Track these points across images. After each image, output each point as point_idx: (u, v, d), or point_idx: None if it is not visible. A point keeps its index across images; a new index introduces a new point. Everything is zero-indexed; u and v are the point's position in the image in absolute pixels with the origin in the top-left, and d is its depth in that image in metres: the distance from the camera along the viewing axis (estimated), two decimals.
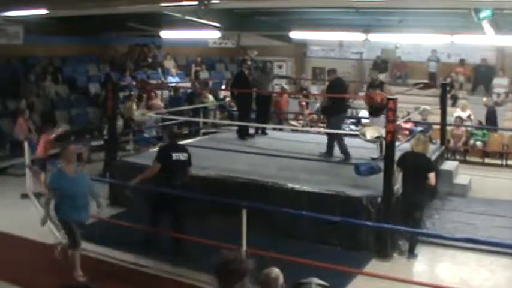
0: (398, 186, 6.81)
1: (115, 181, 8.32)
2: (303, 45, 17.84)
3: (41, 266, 6.23)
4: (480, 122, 12.66)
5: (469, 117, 12.50)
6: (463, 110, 12.60)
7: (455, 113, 12.51)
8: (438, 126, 10.70)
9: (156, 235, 6.72)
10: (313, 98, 15.44)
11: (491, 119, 12.91)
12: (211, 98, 14.93)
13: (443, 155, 10.13)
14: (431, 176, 6.61)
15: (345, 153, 8.65)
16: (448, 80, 14.06)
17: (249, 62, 11.27)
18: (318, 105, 13.60)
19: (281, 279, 3.40)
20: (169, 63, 16.49)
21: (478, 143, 12.15)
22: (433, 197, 8.87)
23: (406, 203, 6.69)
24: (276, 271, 3.43)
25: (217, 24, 13.58)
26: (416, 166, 6.63)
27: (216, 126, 13.31)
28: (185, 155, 6.73)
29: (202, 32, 14.51)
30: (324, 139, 9.26)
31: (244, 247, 5.68)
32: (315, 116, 14.25)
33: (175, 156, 6.61)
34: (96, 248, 6.70)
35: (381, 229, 6.54)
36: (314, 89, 17.07)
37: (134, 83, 13.31)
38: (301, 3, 10.32)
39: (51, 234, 7.25)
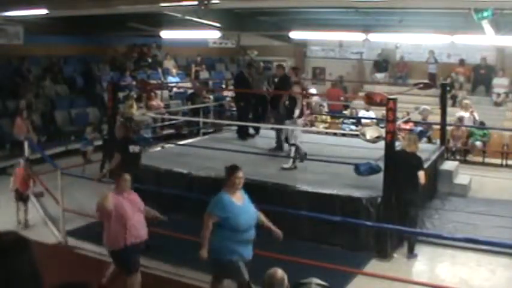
0: None
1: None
2: (303, 45, 17.84)
3: (41, 265, 6.22)
4: (482, 122, 12.59)
5: (471, 113, 12.42)
6: (465, 109, 12.55)
7: (457, 113, 12.47)
8: (438, 126, 10.70)
9: None
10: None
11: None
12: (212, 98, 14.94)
13: (443, 155, 10.13)
14: (421, 174, 6.71)
15: (279, 145, 9.10)
16: (448, 80, 14.04)
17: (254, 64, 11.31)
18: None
19: (286, 281, 3.39)
20: (169, 63, 16.49)
21: (478, 143, 12.13)
22: (433, 197, 8.88)
23: (400, 201, 6.71)
24: (280, 272, 3.41)
25: (217, 24, 13.58)
26: (408, 165, 6.71)
27: (216, 126, 13.31)
28: (138, 147, 7.18)
29: (202, 32, 14.51)
30: (323, 139, 9.27)
31: None
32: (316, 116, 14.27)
33: (131, 148, 7.02)
34: (95, 248, 6.70)
35: (380, 229, 6.55)
36: (314, 89, 17.06)
37: (134, 83, 13.31)
38: (301, 3, 10.31)
39: (51, 234, 7.27)
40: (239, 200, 4.84)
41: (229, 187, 4.86)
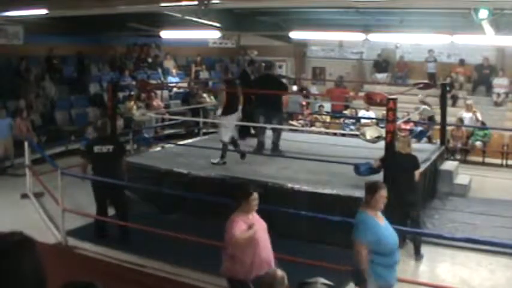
0: None
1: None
2: (303, 45, 17.82)
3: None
4: (482, 122, 12.59)
5: (474, 113, 12.40)
6: (467, 110, 12.51)
7: (459, 112, 12.46)
8: (438, 126, 10.70)
9: (105, 224, 7.13)
10: (312, 98, 15.45)
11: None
12: (212, 98, 14.91)
13: (443, 155, 10.13)
14: (416, 173, 6.81)
15: (259, 145, 9.23)
16: (448, 80, 14.03)
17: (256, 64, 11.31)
18: None
19: (286, 281, 3.39)
20: (169, 63, 16.49)
21: (478, 143, 12.13)
22: (433, 197, 8.87)
23: (400, 204, 6.69)
24: (281, 273, 3.41)
25: (217, 24, 13.58)
26: (406, 167, 6.75)
27: (216, 126, 13.29)
28: (109, 147, 7.00)
29: (202, 32, 14.51)
30: (323, 139, 9.27)
31: None
32: (317, 116, 14.29)
33: (96, 149, 6.96)
34: (95, 248, 6.70)
35: None
36: (314, 89, 17.08)
37: (134, 83, 13.32)
38: (301, 3, 10.31)
39: (52, 234, 7.27)
40: (381, 220, 4.45)
41: (372, 207, 4.40)
